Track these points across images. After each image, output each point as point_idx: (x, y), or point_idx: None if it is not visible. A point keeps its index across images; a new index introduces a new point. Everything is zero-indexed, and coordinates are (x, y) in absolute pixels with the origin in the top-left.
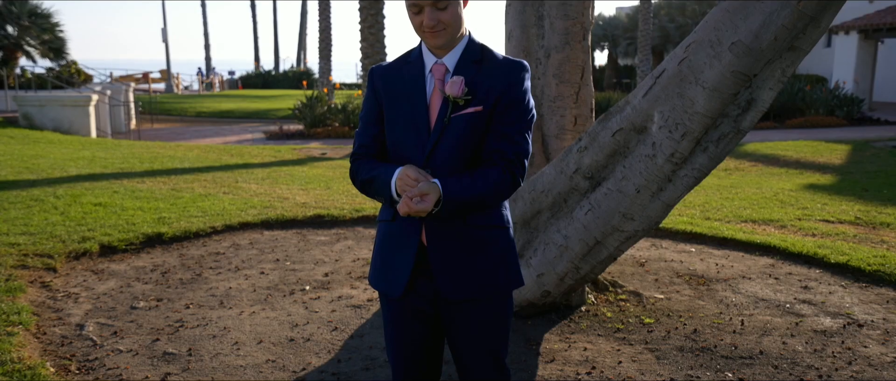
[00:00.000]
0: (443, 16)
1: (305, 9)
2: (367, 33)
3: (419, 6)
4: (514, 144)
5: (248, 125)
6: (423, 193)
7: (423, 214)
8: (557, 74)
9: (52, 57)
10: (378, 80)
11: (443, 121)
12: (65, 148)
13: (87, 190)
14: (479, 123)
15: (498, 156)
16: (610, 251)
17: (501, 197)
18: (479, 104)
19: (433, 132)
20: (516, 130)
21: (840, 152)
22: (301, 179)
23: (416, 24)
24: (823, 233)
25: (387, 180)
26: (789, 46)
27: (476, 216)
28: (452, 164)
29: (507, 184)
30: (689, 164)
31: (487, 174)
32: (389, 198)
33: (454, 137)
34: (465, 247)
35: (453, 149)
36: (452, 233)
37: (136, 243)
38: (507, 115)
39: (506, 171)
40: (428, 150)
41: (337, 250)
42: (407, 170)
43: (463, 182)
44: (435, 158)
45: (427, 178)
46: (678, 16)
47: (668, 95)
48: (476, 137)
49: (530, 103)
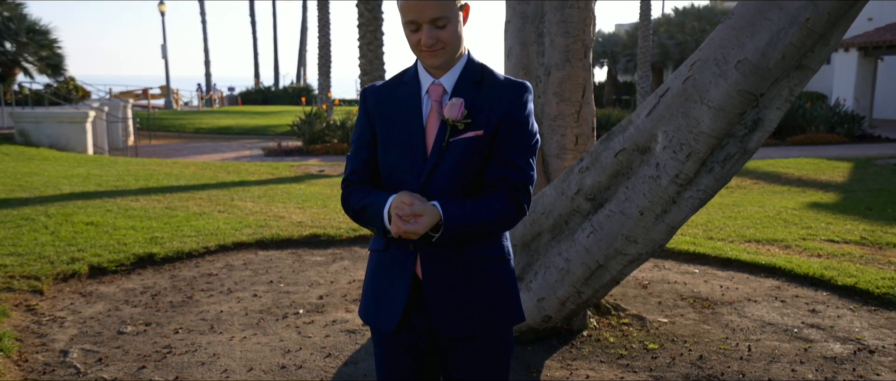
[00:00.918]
0: (442, 34)
1: (305, 25)
2: (366, 50)
3: (417, 24)
4: (519, 170)
5: (246, 142)
6: (416, 213)
7: (415, 236)
8: (558, 92)
9: (50, 73)
10: (371, 101)
11: (440, 146)
12: (60, 165)
13: (79, 209)
14: (480, 148)
15: (502, 183)
16: (613, 275)
17: (505, 226)
18: (480, 128)
19: (430, 158)
20: (520, 156)
21: (842, 170)
22: (298, 196)
23: (413, 42)
24: (829, 253)
25: (379, 209)
26: (797, 65)
27: (475, 247)
28: (450, 191)
29: (512, 212)
30: (694, 185)
31: (491, 201)
32: (382, 228)
33: (452, 162)
34: (463, 280)
35: (451, 176)
36: (450, 264)
37: (126, 264)
38: (510, 139)
39: (511, 198)
40: (424, 176)
41: (332, 271)
42: (402, 196)
43: (465, 207)
44: (431, 185)
45: (420, 200)
46: (677, 33)
47: (672, 115)
48: (476, 163)
49: (534, 127)
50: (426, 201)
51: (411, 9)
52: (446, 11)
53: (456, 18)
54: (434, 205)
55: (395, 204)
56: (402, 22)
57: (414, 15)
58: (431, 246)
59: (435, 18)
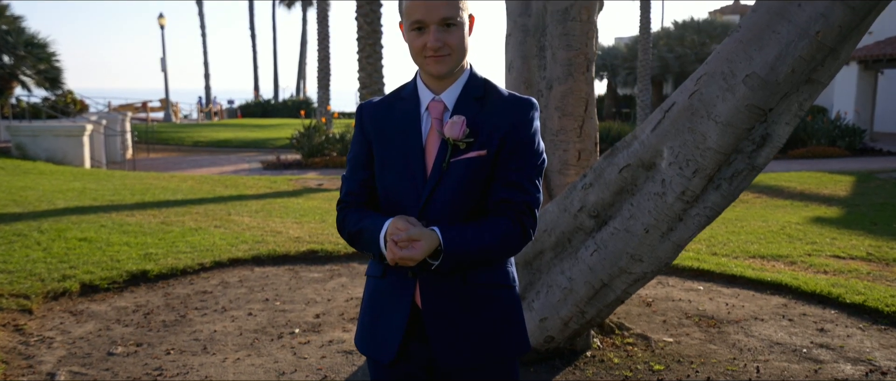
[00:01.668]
0: (449, 38)
1: (305, 38)
2: (365, 63)
3: (423, 24)
4: (524, 192)
5: (245, 155)
6: (413, 238)
7: (412, 263)
8: (560, 106)
9: (47, 87)
10: (367, 118)
11: (441, 166)
12: (56, 179)
13: (73, 224)
14: (482, 168)
15: (506, 206)
16: (617, 294)
17: (510, 252)
18: (482, 147)
19: (430, 179)
20: (525, 177)
21: (845, 184)
22: (296, 211)
23: (416, 47)
24: (835, 270)
25: (376, 233)
26: (807, 79)
27: (478, 274)
28: (451, 214)
29: (517, 236)
30: (700, 202)
31: (495, 225)
32: (379, 253)
33: (454, 184)
34: (465, 308)
35: (452, 197)
36: (451, 292)
37: (119, 281)
38: (515, 159)
39: (516, 222)
40: (424, 198)
41: (330, 288)
42: (397, 221)
43: (467, 232)
44: (431, 207)
45: (417, 225)
46: (677, 46)
47: (678, 130)
48: (478, 185)
49: (540, 146)
50: (420, 225)
51: (418, 6)
52: (456, 13)
53: (463, 24)
54: (433, 230)
55: (391, 229)
56: (405, 26)
57: (421, 14)
58: (431, 273)
59: (444, 18)
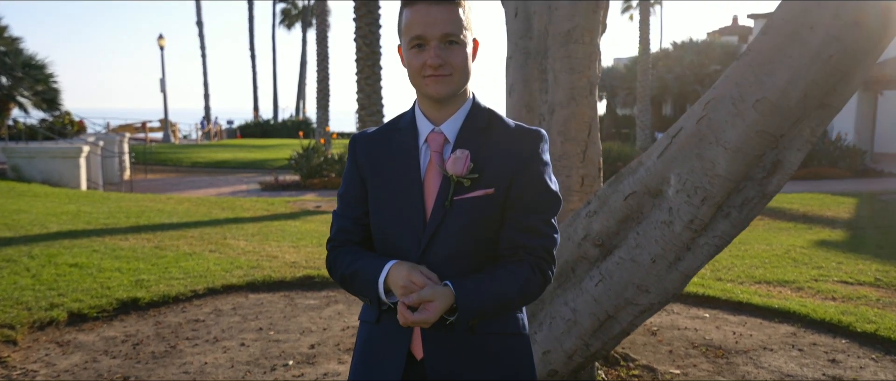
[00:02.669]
0: (451, 56)
1: (305, 59)
2: (364, 84)
3: (423, 40)
4: (541, 236)
5: (243, 176)
6: (425, 299)
7: (427, 325)
8: (563, 131)
9: (45, 108)
10: (361, 151)
11: (443, 205)
12: (50, 202)
13: (65, 249)
14: (490, 208)
15: (523, 252)
16: (623, 326)
17: (529, 300)
18: (489, 185)
19: (431, 220)
20: (541, 219)
21: (848, 206)
22: (293, 234)
23: (415, 66)
24: (844, 296)
25: (373, 277)
26: (819, 104)
27: (487, 322)
28: (455, 259)
29: (538, 285)
30: (709, 231)
31: (512, 274)
32: (376, 299)
33: (458, 225)
34: (471, 362)
35: (457, 241)
36: (456, 344)
37: (108, 309)
38: (526, 198)
39: (535, 269)
40: (424, 242)
41: (326, 316)
42: (410, 273)
43: (483, 285)
44: (433, 251)
45: (432, 279)
46: (676, 67)
47: (685, 156)
48: (485, 227)
49: (553, 181)
50: (434, 277)
51: (418, 22)
52: (458, 29)
53: (466, 44)
54: (446, 286)
55: (401, 280)
56: (404, 45)
57: (421, 29)
58: (439, 325)
59: (446, 34)
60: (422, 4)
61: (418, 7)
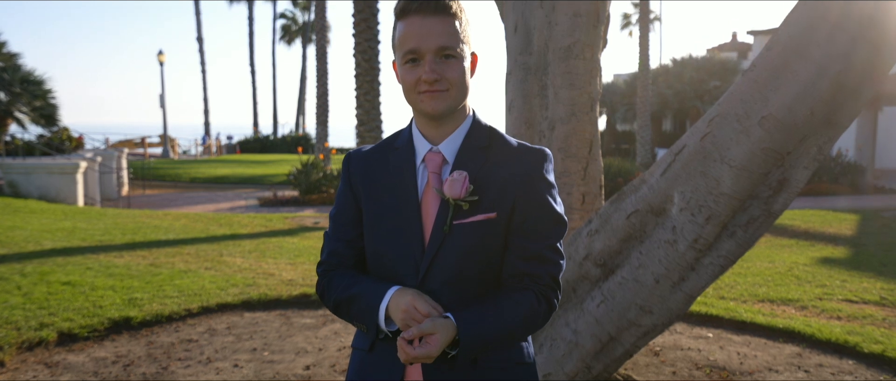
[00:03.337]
0: (448, 70)
1: (304, 74)
2: (363, 100)
3: (417, 54)
4: (546, 263)
5: (242, 191)
6: (427, 332)
7: (429, 361)
8: (563, 147)
9: (43, 124)
10: (355, 170)
11: (441, 230)
12: (46, 218)
13: (58, 267)
14: (491, 233)
15: (528, 280)
16: (625, 348)
17: (534, 330)
18: (491, 209)
19: (429, 245)
20: (546, 245)
21: (849, 223)
22: (290, 251)
23: (410, 82)
24: (849, 315)
25: (373, 303)
26: (826, 121)
27: (491, 352)
28: (455, 286)
29: (544, 314)
30: (714, 250)
31: (518, 303)
32: (375, 327)
33: (458, 251)
34: None
35: (456, 268)
36: (458, 373)
37: (99, 329)
38: (530, 223)
39: (540, 298)
40: (423, 268)
41: (322, 336)
42: (415, 300)
43: (487, 316)
44: (432, 278)
45: (436, 310)
46: (676, 83)
47: (689, 174)
48: (487, 252)
49: (559, 204)
50: (438, 308)
51: (413, 35)
52: (455, 42)
53: (464, 58)
54: (447, 318)
55: (405, 306)
56: (398, 60)
57: (415, 42)
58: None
59: (442, 48)
60: (416, 17)
61: (412, 19)
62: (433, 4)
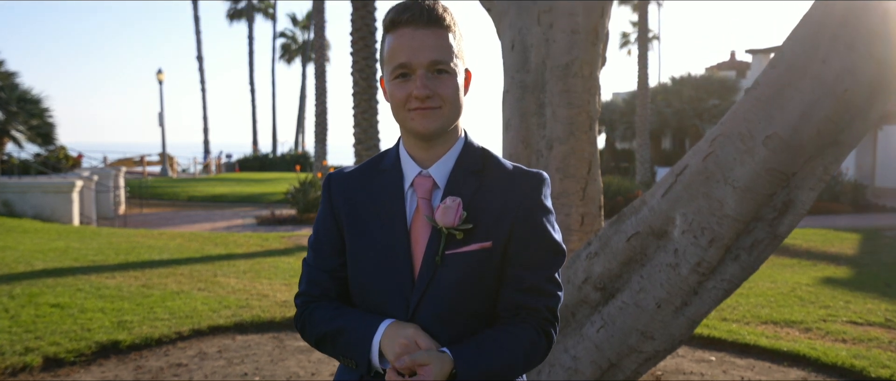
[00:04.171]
0: (440, 86)
1: (304, 92)
2: (361, 119)
3: (408, 68)
4: (545, 295)
5: (240, 210)
6: (420, 363)
7: None
8: (561, 167)
9: (40, 142)
10: (337, 194)
11: (433, 261)
12: (39, 238)
13: (48, 288)
14: (487, 263)
15: (525, 313)
16: (626, 375)
17: (534, 365)
18: (487, 237)
19: (419, 277)
20: (544, 276)
21: (851, 242)
22: (285, 271)
23: (399, 98)
24: (854, 338)
25: (365, 337)
26: (833, 141)
27: None
28: (447, 321)
29: (543, 348)
30: (717, 274)
31: (516, 338)
32: (366, 363)
33: (450, 283)
34: None
35: (448, 300)
36: None
37: (86, 353)
38: (528, 252)
39: (539, 332)
40: (413, 302)
41: (315, 360)
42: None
43: (484, 351)
44: (423, 312)
45: (428, 342)
46: (675, 101)
47: (691, 196)
48: (482, 284)
49: (557, 232)
50: (436, 344)
51: (403, 48)
52: (448, 56)
53: (457, 74)
54: (443, 352)
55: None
56: (386, 76)
57: (406, 56)
58: None
59: (434, 62)
60: (407, 29)
61: (403, 32)
62: (425, 15)
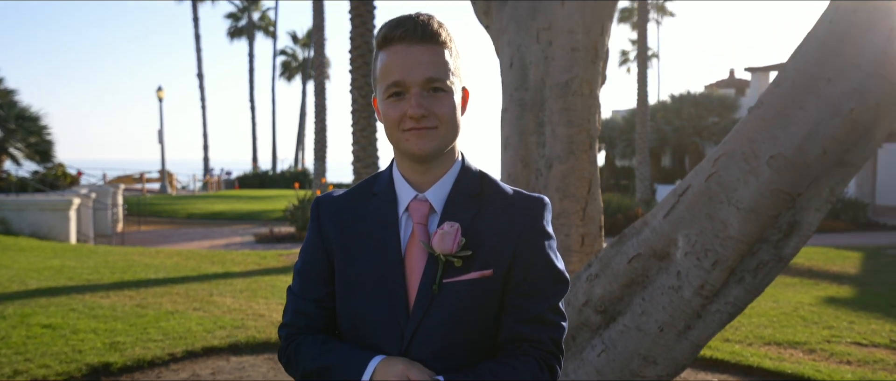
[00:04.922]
0: (436, 105)
1: (304, 110)
2: (360, 136)
3: (402, 87)
4: (548, 326)
5: (238, 227)
6: None
7: None
8: (561, 187)
9: (38, 160)
10: (327, 218)
11: (429, 290)
12: (34, 256)
13: (40, 308)
14: (487, 292)
15: (528, 345)
16: None
17: None
18: (487, 265)
19: (415, 307)
20: (548, 306)
21: (853, 260)
22: (282, 290)
23: (393, 118)
24: (859, 360)
25: (353, 374)
26: (839, 161)
27: None
28: (445, 355)
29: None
30: (721, 297)
31: (518, 371)
32: None
33: (447, 314)
34: None
35: (446, 332)
36: None
37: (77, 376)
38: (530, 281)
39: (542, 365)
40: (408, 334)
41: None
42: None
43: None
44: (417, 345)
45: (427, 375)
46: (674, 118)
47: (694, 216)
48: (482, 315)
49: (559, 259)
50: (432, 374)
51: (397, 65)
52: (444, 74)
53: (454, 93)
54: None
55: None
56: (379, 95)
57: (400, 73)
58: None
59: (429, 80)
60: (400, 45)
61: (396, 48)
62: (420, 31)
